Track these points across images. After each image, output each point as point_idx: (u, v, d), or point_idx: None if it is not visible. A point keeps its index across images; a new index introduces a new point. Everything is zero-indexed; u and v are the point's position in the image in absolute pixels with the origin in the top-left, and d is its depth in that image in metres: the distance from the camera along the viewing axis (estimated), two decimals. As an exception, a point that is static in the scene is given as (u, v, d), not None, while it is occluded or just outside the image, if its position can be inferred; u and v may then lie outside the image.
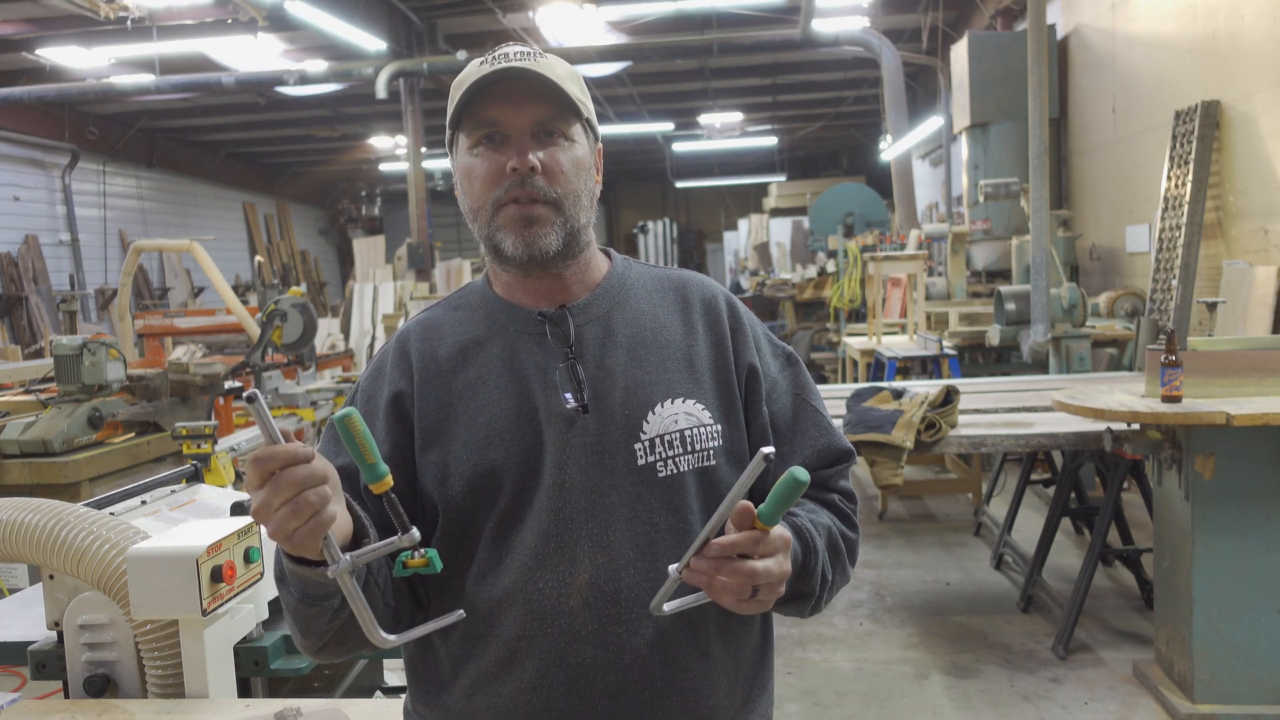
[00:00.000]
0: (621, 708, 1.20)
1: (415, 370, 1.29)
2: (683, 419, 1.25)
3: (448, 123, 1.29)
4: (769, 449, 1.01)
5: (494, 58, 1.24)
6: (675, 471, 1.23)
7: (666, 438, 1.23)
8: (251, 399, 0.98)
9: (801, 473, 0.99)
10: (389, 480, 1.04)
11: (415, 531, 1.05)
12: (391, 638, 1.10)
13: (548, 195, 1.22)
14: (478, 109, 1.23)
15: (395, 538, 1.06)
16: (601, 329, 1.28)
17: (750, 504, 1.04)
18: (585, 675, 1.19)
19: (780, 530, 1.09)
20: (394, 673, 2.69)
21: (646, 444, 1.23)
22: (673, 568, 1.09)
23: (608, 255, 1.38)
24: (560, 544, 1.20)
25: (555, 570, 1.20)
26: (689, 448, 1.24)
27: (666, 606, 1.13)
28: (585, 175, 1.27)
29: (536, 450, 1.22)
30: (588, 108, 1.29)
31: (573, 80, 1.27)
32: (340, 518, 1.06)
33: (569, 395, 1.23)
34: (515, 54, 1.24)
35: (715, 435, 1.26)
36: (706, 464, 1.25)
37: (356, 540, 1.10)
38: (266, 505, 1.00)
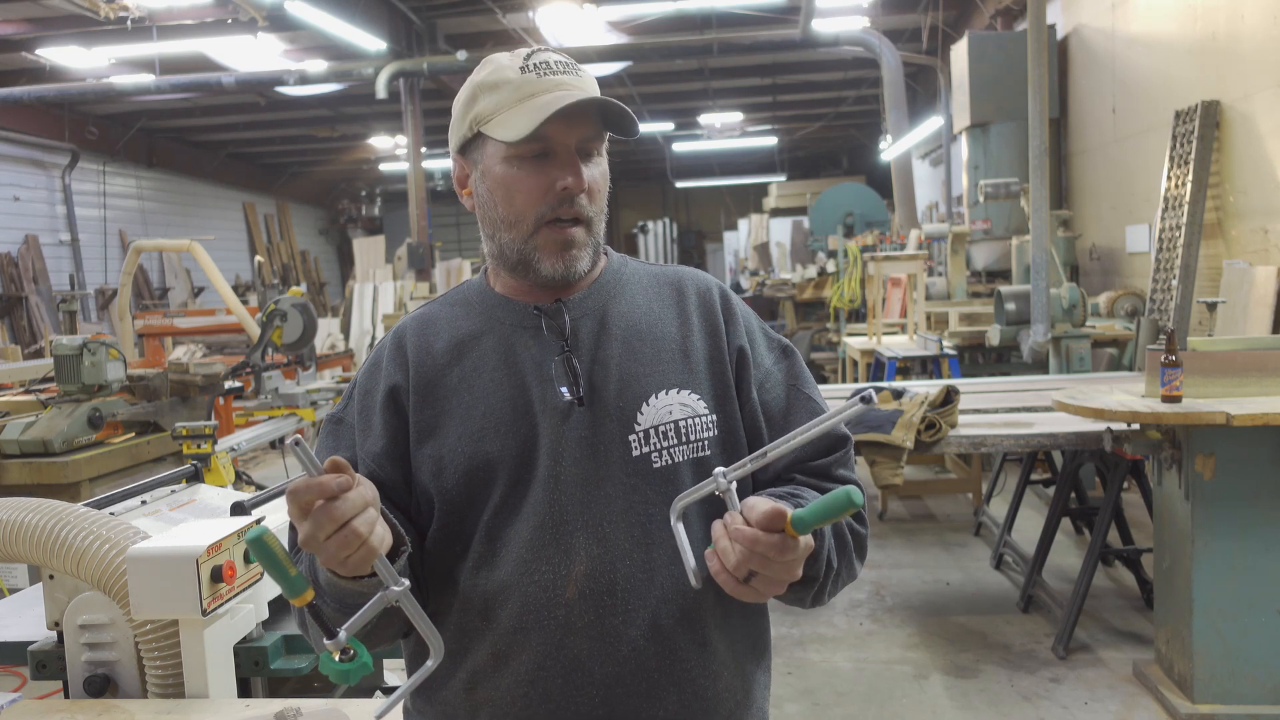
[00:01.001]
0: (619, 699, 1.20)
1: (411, 364, 1.29)
2: (677, 410, 1.25)
3: (472, 120, 1.25)
4: (867, 392, 0.99)
5: (536, 65, 1.23)
6: (670, 462, 1.23)
7: (661, 429, 1.24)
8: (297, 443, 1.00)
9: (858, 495, 0.97)
10: (310, 594, 1.02)
11: (341, 635, 1.04)
12: (434, 663, 1.11)
13: (587, 214, 1.25)
14: (548, 127, 1.22)
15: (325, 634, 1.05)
16: (597, 322, 1.29)
17: (784, 509, 1.02)
18: (582, 667, 1.20)
19: (808, 539, 1.05)
20: (394, 673, 2.69)
21: (641, 435, 1.23)
22: (719, 471, 1.09)
23: (605, 252, 1.38)
24: (555, 536, 1.20)
25: (550, 562, 1.20)
26: (683, 438, 1.24)
27: (678, 530, 1.12)
28: (608, 189, 1.30)
29: (531, 443, 1.23)
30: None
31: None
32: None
33: (564, 388, 1.24)
34: (556, 64, 1.24)
35: (710, 425, 1.26)
36: (701, 454, 1.25)
37: (394, 546, 1.12)
38: (313, 537, 1.01)
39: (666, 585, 1.21)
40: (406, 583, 1.06)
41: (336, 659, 1.04)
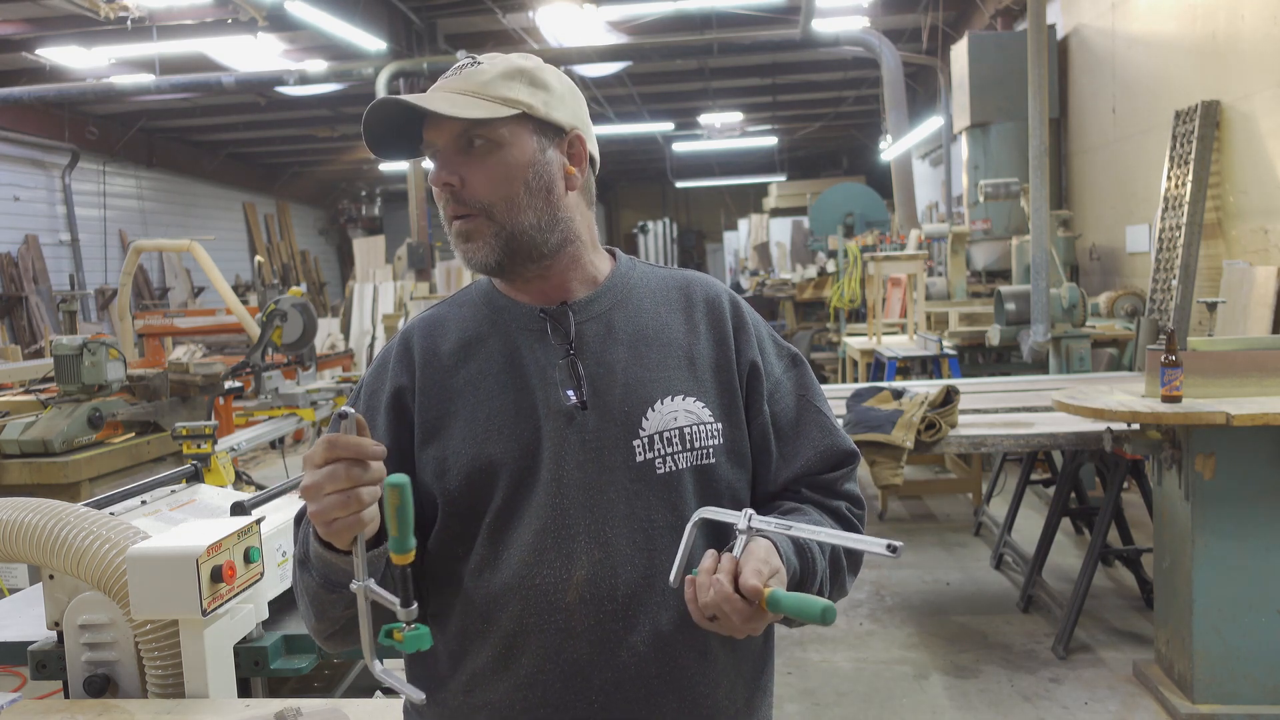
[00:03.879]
0: (618, 705, 1.20)
1: (417, 366, 1.29)
2: (682, 416, 1.24)
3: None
4: (898, 544, 1.06)
5: (446, 75, 1.28)
6: (673, 469, 1.23)
7: (666, 435, 1.23)
8: (344, 415, 1.05)
9: (831, 613, 1.02)
10: (413, 554, 1.04)
11: (415, 607, 1.06)
12: (380, 669, 1.11)
13: (471, 207, 1.23)
14: (423, 132, 1.26)
15: (398, 601, 1.06)
16: (603, 326, 1.28)
17: (761, 588, 1.05)
18: (581, 672, 1.20)
19: (778, 618, 1.10)
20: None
21: (645, 440, 1.23)
22: (750, 512, 1.14)
23: (613, 255, 1.38)
24: (557, 540, 1.20)
25: (552, 566, 1.20)
26: (688, 445, 1.24)
27: (688, 533, 1.17)
28: (524, 174, 1.23)
29: (534, 446, 1.22)
30: (524, 104, 1.23)
31: (513, 78, 1.24)
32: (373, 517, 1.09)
33: (569, 392, 1.23)
34: (455, 68, 1.27)
35: (715, 433, 1.26)
36: (705, 462, 1.25)
37: (379, 536, 1.13)
38: (318, 487, 1.03)
39: (668, 592, 1.20)
40: (370, 582, 1.08)
41: (406, 627, 1.06)
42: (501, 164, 1.23)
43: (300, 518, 1.29)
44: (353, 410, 1.05)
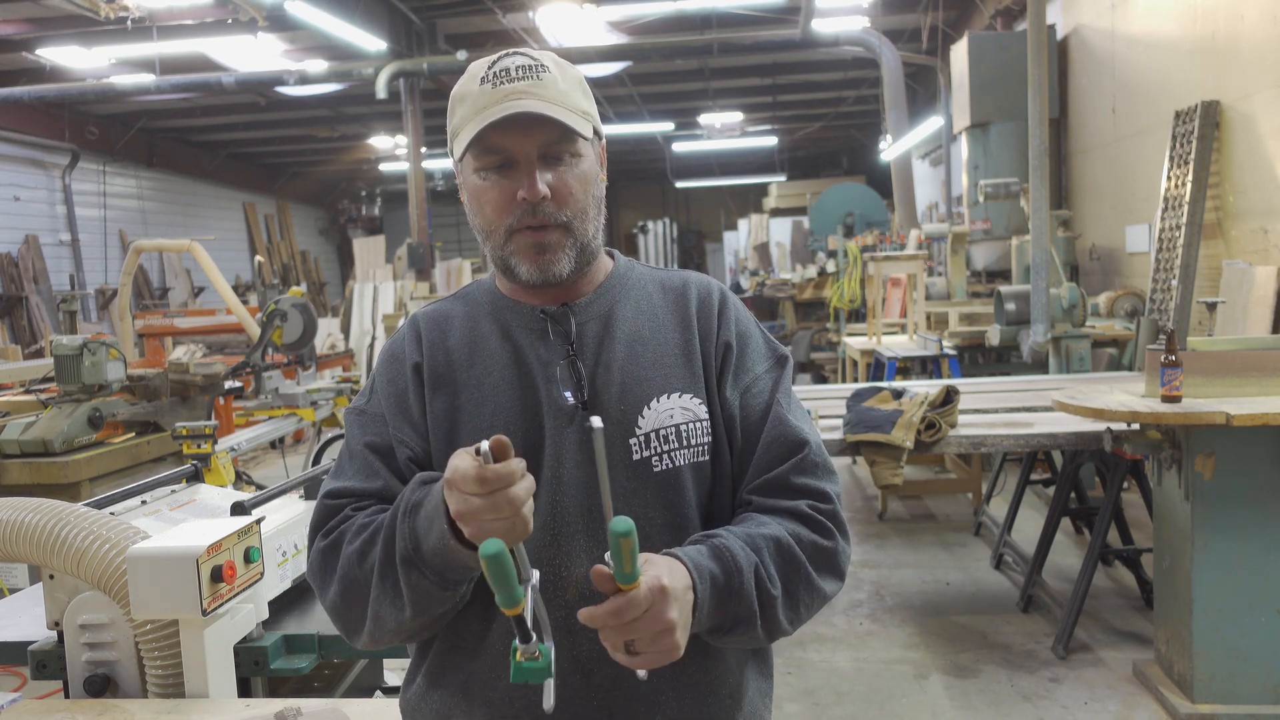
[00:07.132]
0: (618, 701, 1.21)
1: (425, 356, 1.30)
2: (678, 413, 1.25)
3: (450, 135, 1.27)
4: (597, 418, 0.99)
5: (495, 74, 1.21)
6: (671, 466, 1.24)
7: (662, 432, 1.24)
8: (479, 450, 1.02)
9: (620, 523, 0.95)
10: (523, 605, 1.01)
11: (533, 643, 1.03)
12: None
13: (558, 220, 1.22)
14: (484, 135, 1.21)
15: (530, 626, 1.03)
16: (601, 326, 1.30)
17: (605, 569, 1.00)
18: (581, 669, 1.21)
19: (654, 581, 1.02)
20: (394, 673, 2.69)
21: (642, 439, 1.24)
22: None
23: (611, 255, 1.39)
24: (556, 538, 1.21)
25: (552, 564, 1.21)
26: (684, 442, 1.25)
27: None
28: (593, 187, 1.26)
29: (536, 445, 1.24)
30: (593, 115, 1.27)
31: (578, 88, 1.25)
32: None
33: (568, 392, 1.25)
34: (516, 70, 1.21)
35: (709, 430, 1.27)
36: (701, 459, 1.26)
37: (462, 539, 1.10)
38: (478, 515, 1.01)
39: None
40: (536, 573, 1.04)
41: (524, 659, 1.03)
42: (581, 178, 1.24)
43: (329, 502, 1.25)
44: (486, 445, 1.01)
